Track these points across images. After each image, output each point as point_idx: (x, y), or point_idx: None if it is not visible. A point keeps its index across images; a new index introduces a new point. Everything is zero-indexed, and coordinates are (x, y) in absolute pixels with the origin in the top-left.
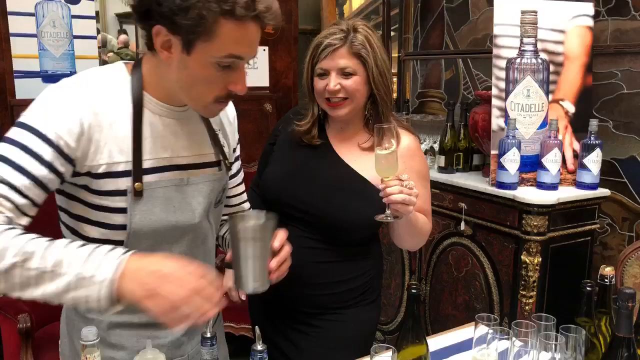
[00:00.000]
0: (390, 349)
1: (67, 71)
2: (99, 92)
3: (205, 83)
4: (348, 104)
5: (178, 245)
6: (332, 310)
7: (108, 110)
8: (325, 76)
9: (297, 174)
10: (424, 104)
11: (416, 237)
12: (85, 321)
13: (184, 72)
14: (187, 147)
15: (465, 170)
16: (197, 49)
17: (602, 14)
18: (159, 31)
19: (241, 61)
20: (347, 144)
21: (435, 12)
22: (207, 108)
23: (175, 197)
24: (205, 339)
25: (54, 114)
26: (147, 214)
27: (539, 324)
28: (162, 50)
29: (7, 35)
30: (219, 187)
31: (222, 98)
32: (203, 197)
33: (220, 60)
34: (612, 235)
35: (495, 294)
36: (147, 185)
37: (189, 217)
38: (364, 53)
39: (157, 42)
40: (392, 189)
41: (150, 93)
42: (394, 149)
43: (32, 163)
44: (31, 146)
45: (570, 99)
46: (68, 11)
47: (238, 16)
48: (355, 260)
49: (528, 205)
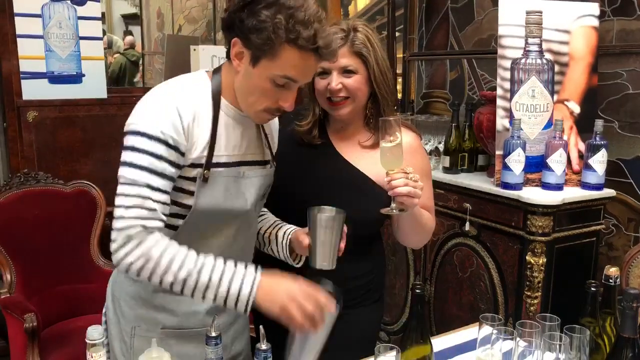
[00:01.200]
0: (395, 349)
1: (73, 72)
2: (190, 95)
3: (260, 94)
4: (349, 103)
5: (228, 227)
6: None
7: (196, 111)
8: (326, 75)
9: (299, 173)
10: (428, 105)
11: (420, 233)
12: (133, 283)
13: (246, 81)
14: (248, 147)
15: (470, 170)
16: (261, 64)
17: (607, 14)
18: (236, 43)
19: (295, 83)
20: (348, 142)
21: (440, 12)
22: (257, 114)
23: (232, 186)
24: (210, 338)
25: (163, 117)
26: (210, 197)
27: (543, 325)
28: (235, 58)
29: (13, 36)
30: (267, 182)
31: (271, 110)
32: (255, 189)
33: (277, 78)
34: (617, 236)
35: (500, 295)
36: (212, 174)
37: (242, 205)
38: (365, 52)
39: (233, 52)
40: (398, 181)
41: (225, 98)
42: (399, 141)
43: (161, 164)
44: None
45: (575, 99)
46: (74, 12)
47: (300, 45)
48: (357, 260)
49: (533, 206)
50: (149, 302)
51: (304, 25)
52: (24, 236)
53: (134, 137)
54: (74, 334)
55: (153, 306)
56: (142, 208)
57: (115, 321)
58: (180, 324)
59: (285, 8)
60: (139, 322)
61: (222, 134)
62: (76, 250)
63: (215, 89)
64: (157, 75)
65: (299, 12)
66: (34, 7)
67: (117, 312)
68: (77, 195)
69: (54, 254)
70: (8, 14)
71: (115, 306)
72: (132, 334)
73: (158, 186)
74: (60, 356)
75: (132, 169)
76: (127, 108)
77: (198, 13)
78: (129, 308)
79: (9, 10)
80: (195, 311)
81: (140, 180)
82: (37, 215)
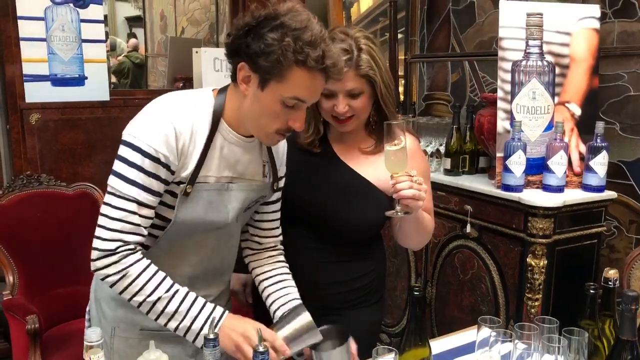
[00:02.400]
0: (393, 351)
1: (76, 75)
2: (190, 114)
3: (270, 116)
4: (355, 120)
5: (208, 238)
6: (335, 311)
7: (194, 129)
8: (332, 97)
9: (301, 179)
10: (430, 107)
11: (422, 234)
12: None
13: (255, 105)
14: (243, 173)
15: (471, 172)
16: (270, 87)
17: (608, 16)
18: (243, 67)
19: (304, 103)
20: (349, 148)
21: (442, 14)
22: (268, 137)
23: (215, 200)
24: (208, 340)
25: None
26: (191, 211)
27: (541, 327)
28: (242, 83)
29: (16, 39)
30: (253, 197)
31: (282, 131)
32: (237, 202)
33: (286, 99)
34: (619, 238)
35: (501, 297)
36: (195, 188)
37: (223, 218)
38: (371, 74)
39: (240, 76)
40: (402, 184)
41: (227, 121)
42: (403, 145)
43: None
44: (147, 167)
45: (576, 101)
46: (77, 15)
47: (309, 66)
48: (357, 261)
49: (534, 208)
50: (128, 304)
51: (311, 46)
52: (27, 238)
53: (127, 148)
54: (76, 336)
55: (132, 308)
56: (126, 222)
57: (97, 321)
58: (158, 325)
59: (291, 30)
60: (119, 323)
61: (215, 155)
62: (78, 252)
63: (217, 109)
64: (161, 77)
65: (305, 33)
66: (37, 10)
67: (99, 312)
68: (80, 197)
69: (57, 255)
70: (11, 17)
71: (97, 307)
72: (112, 334)
73: (145, 202)
74: (62, 358)
75: (122, 181)
76: (129, 110)
77: (201, 15)
78: (109, 309)
79: (12, 13)
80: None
81: (129, 194)
82: (39, 217)
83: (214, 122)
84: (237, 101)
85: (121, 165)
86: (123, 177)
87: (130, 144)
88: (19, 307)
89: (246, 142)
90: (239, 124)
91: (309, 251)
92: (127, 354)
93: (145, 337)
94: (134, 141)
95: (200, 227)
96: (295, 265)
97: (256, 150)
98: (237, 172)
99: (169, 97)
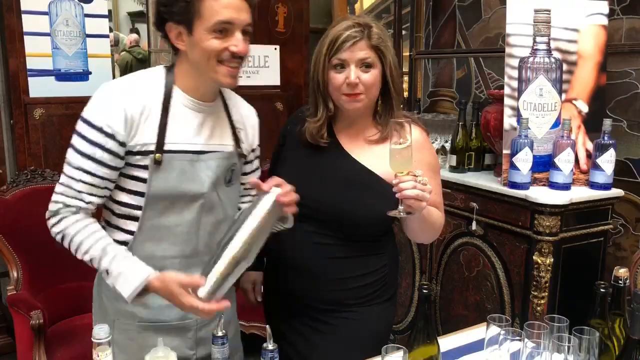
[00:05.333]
0: (402, 349)
1: (80, 70)
2: (139, 88)
3: (211, 52)
4: (363, 98)
5: (189, 211)
6: (346, 308)
7: (146, 104)
8: (343, 69)
9: (308, 173)
10: (435, 103)
11: (429, 231)
12: None
13: (195, 51)
14: (209, 137)
15: (476, 169)
16: (196, 28)
17: (616, 13)
18: (170, 27)
19: (233, 25)
20: (356, 140)
21: (447, 10)
22: (218, 73)
23: (188, 169)
24: (217, 338)
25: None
26: (163, 181)
27: (551, 326)
28: (177, 42)
29: (20, 34)
30: (226, 165)
31: (226, 58)
32: (211, 171)
33: (213, 27)
34: (625, 236)
35: (506, 295)
36: (166, 158)
37: (198, 187)
38: (382, 46)
39: (172, 37)
40: (406, 184)
41: (181, 88)
42: (408, 144)
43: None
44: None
45: (583, 98)
46: (81, 10)
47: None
48: (368, 257)
49: (540, 206)
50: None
51: None
52: (31, 233)
53: (81, 123)
54: (80, 331)
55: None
56: (69, 188)
57: (99, 315)
58: (156, 317)
59: None
60: (118, 316)
61: (178, 123)
62: None
63: (168, 80)
64: None
65: None
66: (41, 5)
67: (101, 306)
68: None
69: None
70: (15, 12)
71: (99, 301)
72: (112, 327)
73: (89, 170)
74: (66, 353)
75: (73, 151)
76: None
77: None
78: (109, 302)
79: (16, 8)
80: (171, 305)
81: (75, 162)
82: (43, 212)
83: (167, 90)
84: (184, 64)
85: (74, 138)
86: (73, 147)
87: (83, 118)
88: (23, 302)
89: (206, 106)
90: (195, 88)
91: (317, 246)
92: (127, 345)
93: (143, 329)
94: (86, 116)
95: (177, 199)
96: (303, 260)
97: (220, 114)
98: (204, 137)
99: (120, 78)
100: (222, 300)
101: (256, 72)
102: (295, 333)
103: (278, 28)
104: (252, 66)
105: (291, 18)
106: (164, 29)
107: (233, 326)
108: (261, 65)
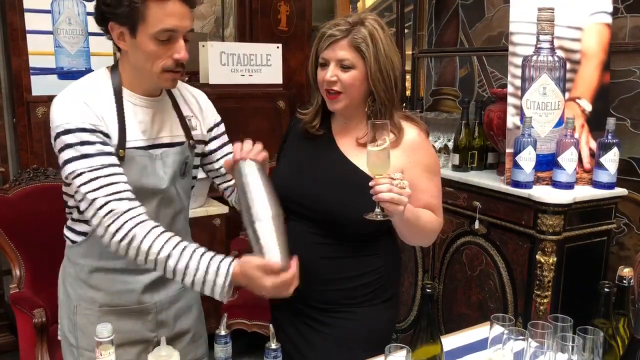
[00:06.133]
0: (405, 348)
1: (83, 68)
2: (91, 91)
3: (153, 57)
4: (343, 99)
5: (149, 204)
6: (343, 307)
7: (102, 107)
8: (326, 67)
9: (300, 170)
10: (438, 102)
11: (418, 235)
12: (74, 265)
13: (137, 53)
14: (161, 130)
15: (479, 168)
16: (139, 31)
17: (620, 11)
18: (112, 26)
19: (176, 33)
20: (348, 137)
21: (450, 9)
22: (160, 78)
23: (148, 165)
24: (220, 337)
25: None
26: (126, 176)
27: (555, 325)
28: (119, 41)
29: (23, 32)
30: (181, 160)
31: (171, 67)
32: (168, 167)
33: (157, 34)
34: (629, 235)
35: (509, 294)
36: (128, 154)
37: (156, 182)
38: (363, 47)
39: (114, 36)
40: (382, 187)
41: (129, 88)
42: (385, 146)
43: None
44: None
45: (587, 97)
46: (83, 8)
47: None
48: (364, 257)
49: (543, 205)
50: (86, 282)
51: None
52: (33, 232)
53: (62, 136)
54: None
55: (90, 286)
56: (110, 185)
57: (63, 301)
58: (115, 301)
59: None
60: (80, 301)
61: (132, 122)
62: None
63: (115, 83)
64: None
65: None
66: (44, 3)
67: (65, 292)
68: None
69: (63, 249)
70: (18, 10)
71: (63, 289)
72: (74, 312)
73: (111, 163)
74: None
75: (80, 160)
76: None
77: (206, 9)
78: (71, 288)
79: (18, 6)
80: (130, 290)
81: (96, 164)
82: (46, 210)
83: (116, 89)
84: (127, 63)
85: (70, 151)
86: (77, 157)
87: (61, 132)
88: (26, 300)
89: (154, 101)
90: (139, 86)
91: (311, 246)
92: (89, 329)
93: (104, 313)
94: (65, 126)
95: (137, 192)
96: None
97: (167, 107)
98: (157, 131)
99: (70, 85)
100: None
101: (258, 70)
102: (296, 331)
103: (280, 26)
104: (255, 64)
105: (293, 16)
106: (106, 27)
107: (196, 310)
108: (263, 64)
